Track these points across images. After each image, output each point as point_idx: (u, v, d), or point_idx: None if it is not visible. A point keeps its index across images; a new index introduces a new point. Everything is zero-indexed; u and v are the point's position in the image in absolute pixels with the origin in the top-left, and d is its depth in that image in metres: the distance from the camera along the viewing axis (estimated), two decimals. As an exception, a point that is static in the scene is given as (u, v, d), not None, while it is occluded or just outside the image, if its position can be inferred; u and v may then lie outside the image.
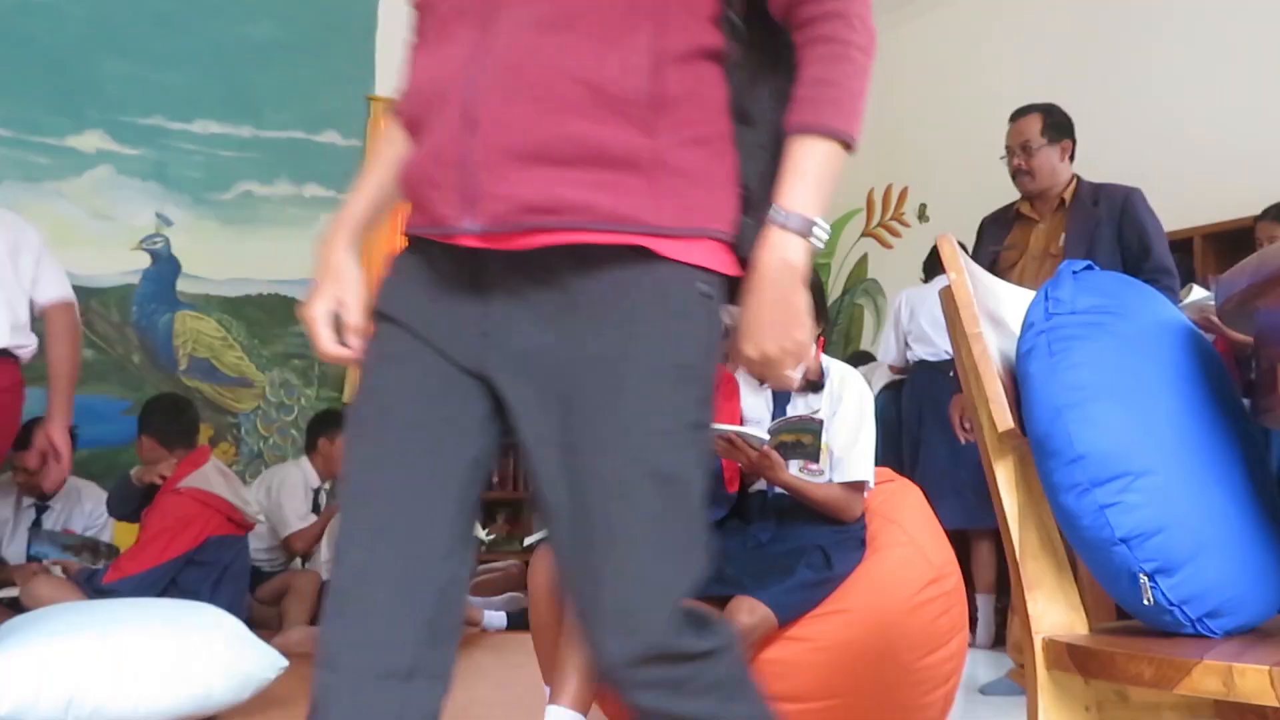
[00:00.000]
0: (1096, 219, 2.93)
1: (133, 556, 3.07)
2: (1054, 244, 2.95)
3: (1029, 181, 2.99)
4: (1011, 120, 3.05)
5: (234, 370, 4.66)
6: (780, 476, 2.22)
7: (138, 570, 3.01)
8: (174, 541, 3.09)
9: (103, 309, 4.38)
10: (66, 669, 2.10)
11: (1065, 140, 3.00)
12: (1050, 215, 3.02)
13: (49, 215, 4.27)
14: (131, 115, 4.45)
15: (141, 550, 3.07)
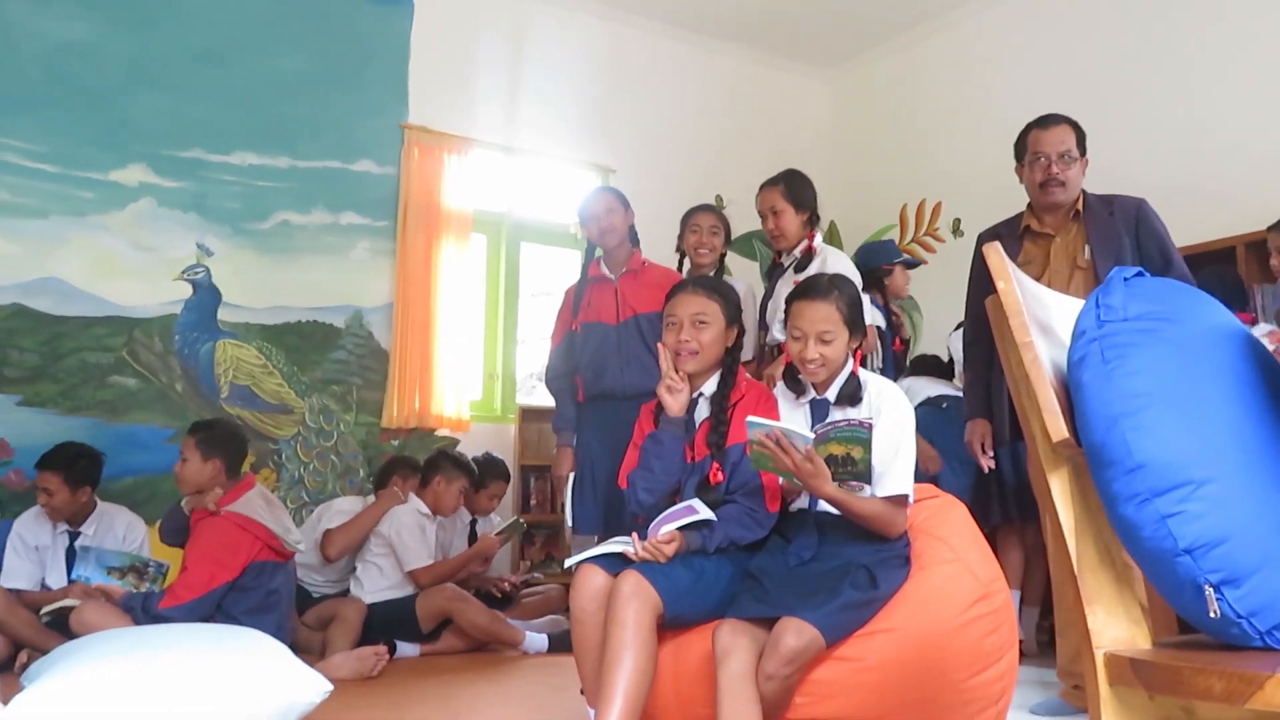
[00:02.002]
0: (1116, 230, 2.87)
1: (186, 584, 3.08)
2: (1079, 256, 2.88)
3: (1059, 192, 2.90)
4: (1044, 126, 2.95)
5: (274, 397, 4.70)
6: (823, 488, 2.19)
7: (191, 597, 3.03)
8: (222, 568, 3.11)
9: (146, 338, 4.44)
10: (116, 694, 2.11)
11: (1086, 158, 2.96)
12: (1063, 228, 2.95)
13: (93, 248, 4.36)
14: (172, 149, 4.53)
15: (193, 576, 3.08)
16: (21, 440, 4.11)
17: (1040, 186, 2.92)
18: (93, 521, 3.65)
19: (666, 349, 2.49)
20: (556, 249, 5.82)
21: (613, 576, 2.19)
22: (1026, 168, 2.98)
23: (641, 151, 5.73)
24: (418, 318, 4.96)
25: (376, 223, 5.00)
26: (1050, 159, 2.89)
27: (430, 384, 4.95)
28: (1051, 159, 2.89)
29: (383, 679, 3.35)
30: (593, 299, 3.36)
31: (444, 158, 5.11)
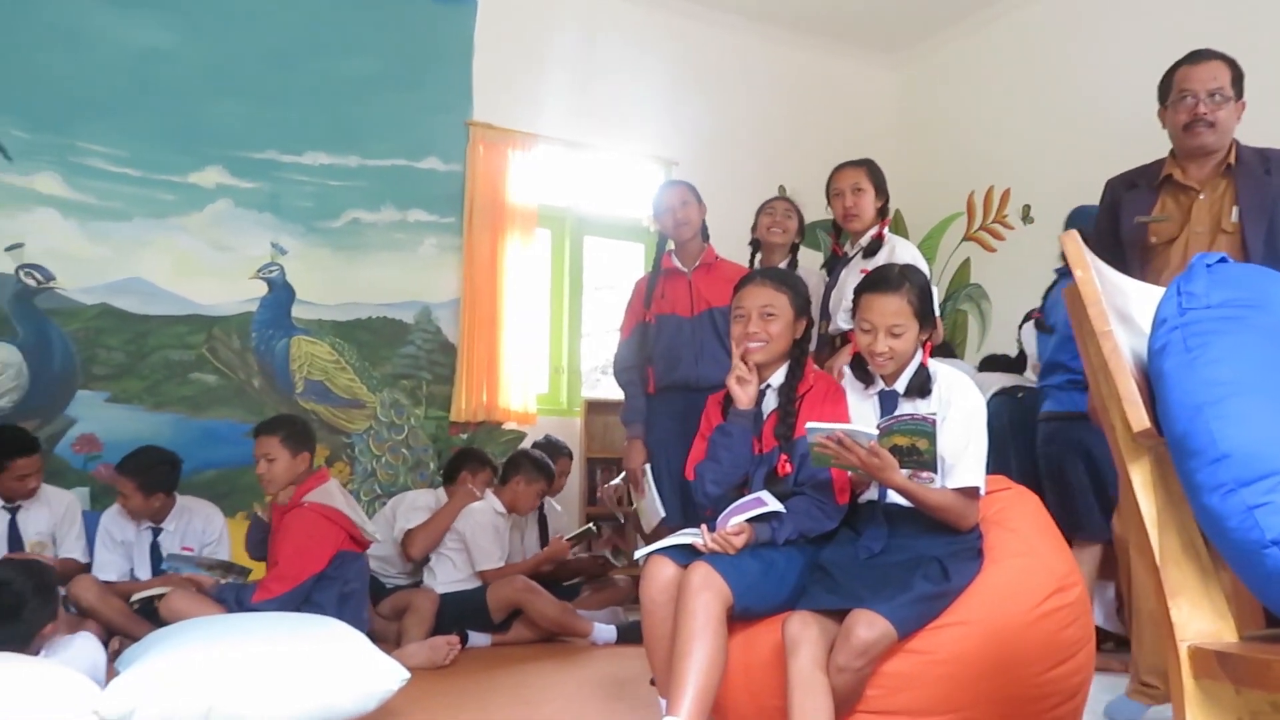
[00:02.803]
0: (1272, 190, 2.53)
1: (279, 576, 3.14)
2: (1225, 218, 2.56)
3: (1208, 134, 2.55)
4: (1194, 61, 2.60)
5: (346, 392, 4.82)
6: (892, 478, 2.18)
7: (283, 590, 3.10)
8: (311, 559, 3.17)
9: (224, 336, 4.58)
10: (206, 680, 2.20)
11: (1243, 100, 2.61)
12: (1210, 183, 2.61)
13: (174, 249, 4.50)
14: (247, 151, 4.66)
15: (285, 569, 3.14)
16: (110, 435, 4.28)
17: (1185, 129, 2.59)
18: (173, 518, 3.76)
19: (734, 338, 2.49)
20: (620, 242, 5.85)
21: (682, 568, 2.21)
22: (1170, 109, 2.64)
23: (705, 144, 5.72)
24: (484, 313, 5.03)
25: (443, 219, 5.08)
26: (1198, 97, 2.56)
27: (497, 378, 5.02)
28: (1200, 96, 2.55)
29: (455, 668, 3.42)
30: (666, 291, 3.37)
31: (508, 153, 5.16)
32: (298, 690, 2.34)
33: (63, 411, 4.23)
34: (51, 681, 2.18)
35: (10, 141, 4.19)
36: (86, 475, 4.23)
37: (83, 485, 4.15)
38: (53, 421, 4.19)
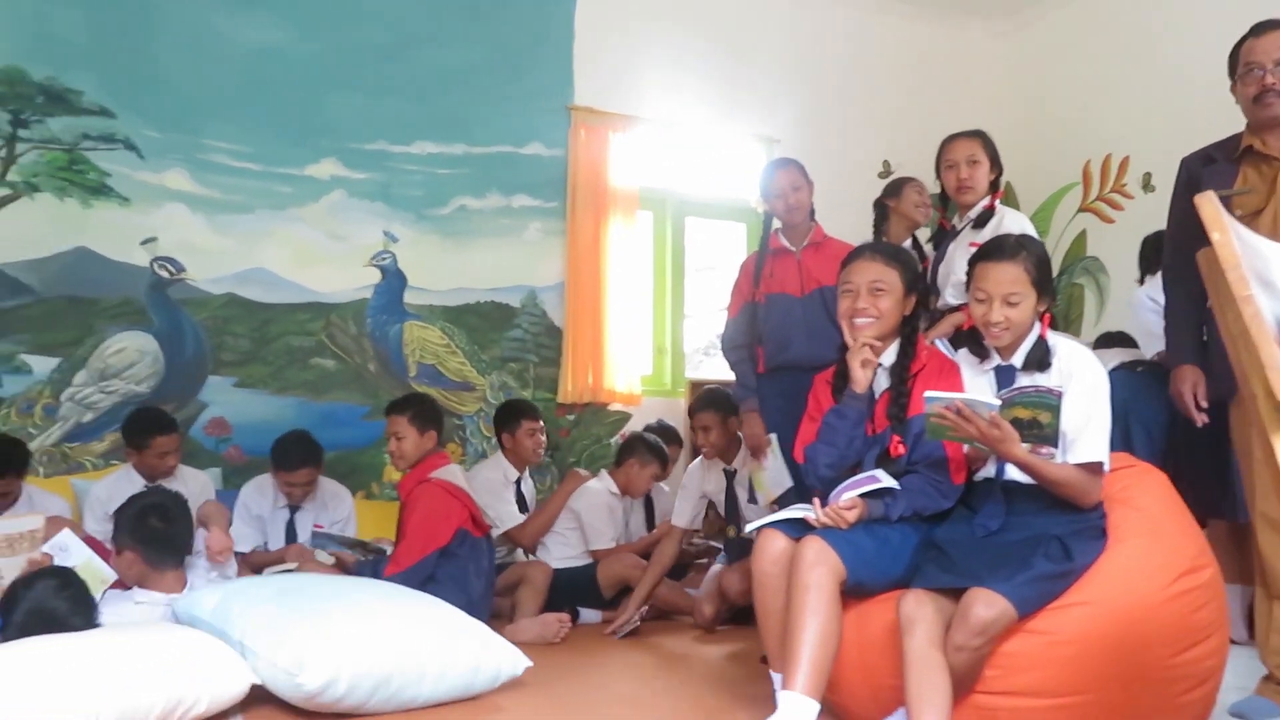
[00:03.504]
0: None
1: (407, 549, 3.26)
2: None
3: (1278, 104, 2.54)
4: (1258, 33, 2.60)
5: (457, 375, 4.95)
6: (1012, 451, 2.12)
7: (411, 563, 3.22)
8: (436, 533, 3.27)
9: (341, 322, 4.75)
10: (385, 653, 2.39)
11: None
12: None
13: (293, 239, 4.69)
14: (359, 142, 4.81)
15: (413, 542, 3.26)
16: (238, 418, 4.50)
17: (1254, 100, 2.58)
18: (310, 500, 3.93)
19: (840, 313, 2.46)
20: (721, 222, 5.83)
21: (794, 541, 2.21)
22: (1239, 83, 2.64)
23: (806, 121, 5.64)
24: (588, 295, 5.08)
25: (547, 204, 5.15)
26: (1265, 68, 2.56)
27: (602, 360, 5.08)
28: (1267, 68, 2.56)
29: (566, 644, 3.48)
30: (775, 270, 3.34)
31: (609, 137, 5.19)
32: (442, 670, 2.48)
33: (195, 396, 4.46)
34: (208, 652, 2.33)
35: (143, 141, 4.42)
36: (218, 457, 4.45)
37: (215, 466, 4.37)
38: (186, 406, 4.42)
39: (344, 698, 2.29)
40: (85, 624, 2.47)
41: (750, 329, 3.36)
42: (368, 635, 2.40)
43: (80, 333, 4.29)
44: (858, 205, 4.18)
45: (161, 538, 2.94)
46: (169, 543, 2.97)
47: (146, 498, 3.09)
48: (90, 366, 4.30)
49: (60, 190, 4.29)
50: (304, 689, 2.22)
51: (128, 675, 2.13)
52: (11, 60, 4.22)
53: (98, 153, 4.35)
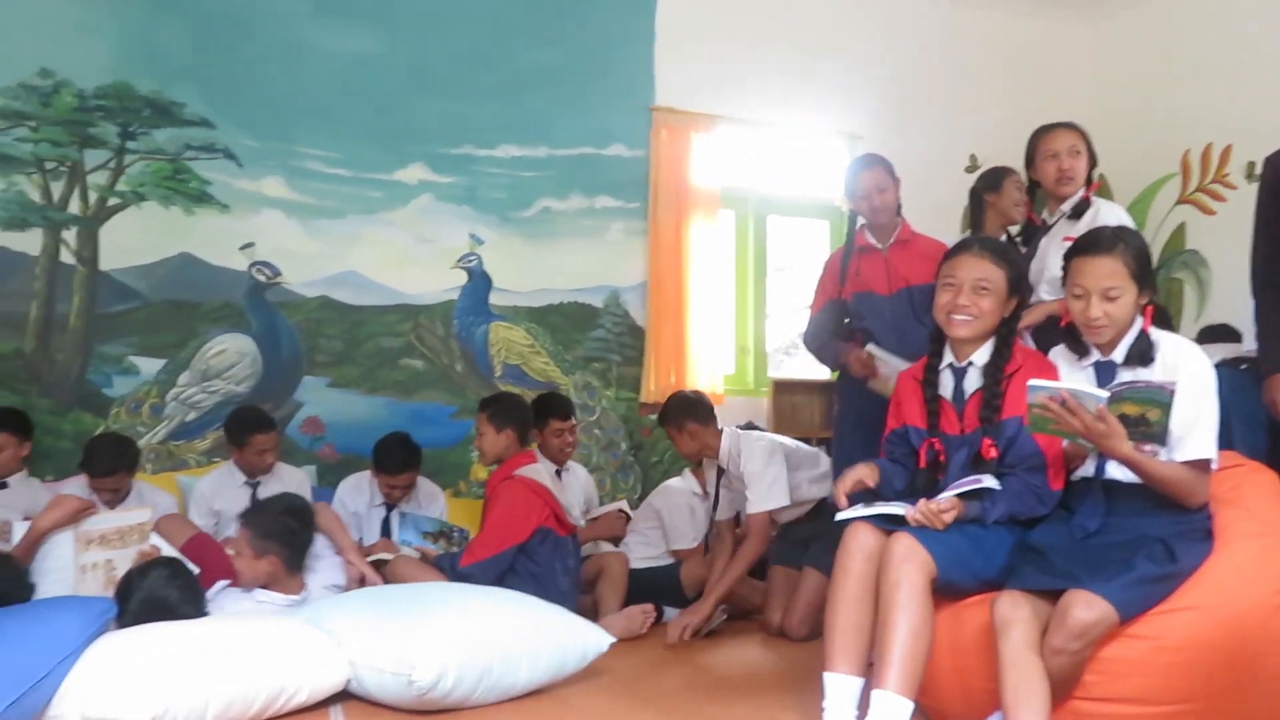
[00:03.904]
0: None
1: (483, 542, 3.33)
2: None
3: None
4: None
5: (541, 375, 5.01)
6: (1118, 447, 2.05)
7: (487, 555, 3.29)
8: (515, 529, 3.33)
9: (429, 323, 4.86)
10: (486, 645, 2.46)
11: None
12: None
13: (382, 242, 4.81)
14: (445, 147, 4.91)
15: (489, 536, 3.33)
16: (332, 417, 4.64)
17: None
18: (407, 499, 4.03)
19: (937, 307, 2.40)
20: (803, 220, 5.79)
21: (885, 534, 2.18)
22: None
23: (889, 116, 5.57)
24: (670, 295, 5.10)
25: (629, 204, 5.18)
26: None
27: (684, 359, 5.09)
28: None
29: (649, 640, 3.48)
30: (862, 269, 3.30)
31: (690, 136, 5.20)
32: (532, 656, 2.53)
33: (291, 396, 4.61)
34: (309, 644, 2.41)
35: (241, 150, 4.58)
36: (313, 455, 4.59)
37: (310, 464, 4.51)
38: (283, 405, 4.57)
39: (452, 691, 2.35)
40: (195, 612, 2.57)
41: (835, 327, 3.33)
42: (465, 629, 2.46)
43: (184, 335, 4.48)
44: (942, 200, 4.12)
45: (298, 542, 3.04)
46: (303, 546, 3.07)
47: (284, 500, 3.17)
48: (193, 368, 4.47)
49: (165, 199, 4.47)
50: (417, 687, 2.28)
51: (235, 663, 2.22)
52: (120, 76, 4.42)
53: (199, 162, 4.53)
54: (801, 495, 3.68)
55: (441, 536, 3.60)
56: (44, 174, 4.30)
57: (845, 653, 2.16)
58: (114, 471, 3.58)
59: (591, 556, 4.06)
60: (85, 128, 4.37)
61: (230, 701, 2.16)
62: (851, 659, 2.16)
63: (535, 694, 2.63)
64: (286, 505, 3.08)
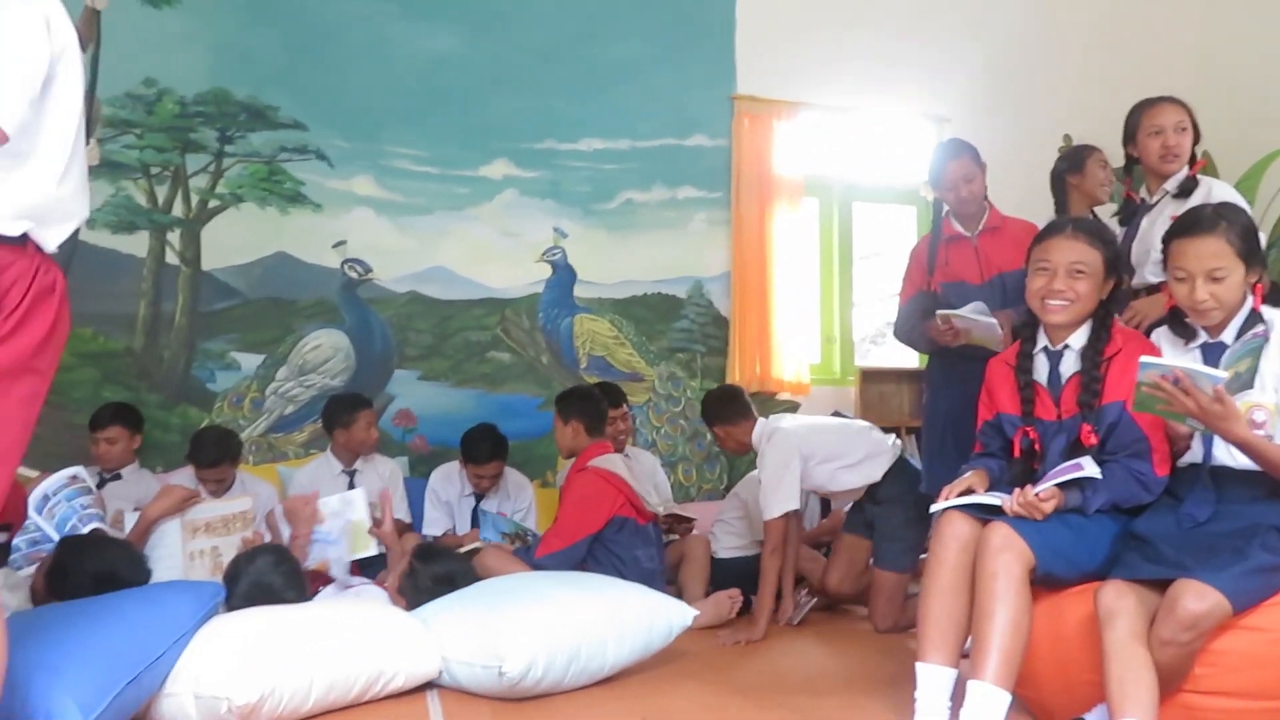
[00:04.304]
0: None
1: (557, 533, 3.38)
2: None
3: None
4: None
5: (626, 366, 5.04)
6: (1235, 430, 1.96)
7: (561, 546, 3.33)
8: (588, 519, 3.37)
9: (515, 316, 4.93)
10: (573, 631, 2.49)
11: None
12: None
13: (469, 238, 4.89)
14: (529, 142, 4.97)
15: (563, 526, 3.38)
16: (422, 409, 4.75)
17: None
18: (496, 489, 4.11)
19: (1031, 292, 2.33)
20: (889, 206, 5.69)
21: (981, 523, 2.14)
22: None
23: (979, 97, 5.43)
24: (754, 285, 5.07)
25: (711, 194, 5.17)
26: None
27: (769, 349, 5.06)
28: None
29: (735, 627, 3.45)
30: (950, 258, 3.21)
31: (773, 124, 5.16)
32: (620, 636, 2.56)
33: (383, 389, 4.73)
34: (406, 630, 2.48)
35: (333, 151, 4.71)
36: (405, 446, 4.70)
37: (402, 455, 4.62)
38: (375, 399, 4.68)
39: (542, 679, 2.38)
40: (298, 598, 2.66)
41: (925, 317, 3.22)
42: (550, 617, 2.49)
43: (281, 331, 4.63)
44: (1035, 183, 3.98)
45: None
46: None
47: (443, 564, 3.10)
48: (290, 362, 4.62)
49: (261, 200, 4.63)
50: (507, 678, 2.32)
51: (338, 647, 2.29)
52: (218, 83, 4.58)
53: (293, 163, 4.67)
54: (840, 485, 3.53)
55: (518, 539, 3.65)
56: (149, 179, 4.49)
57: (939, 643, 2.12)
58: (218, 462, 3.72)
59: (674, 543, 4.06)
60: (186, 133, 4.54)
61: (332, 684, 2.23)
62: (945, 649, 2.12)
63: (624, 678, 2.65)
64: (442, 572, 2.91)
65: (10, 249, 1.49)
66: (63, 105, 1.50)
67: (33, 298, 1.51)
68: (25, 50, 1.42)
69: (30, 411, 1.53)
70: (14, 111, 1.41)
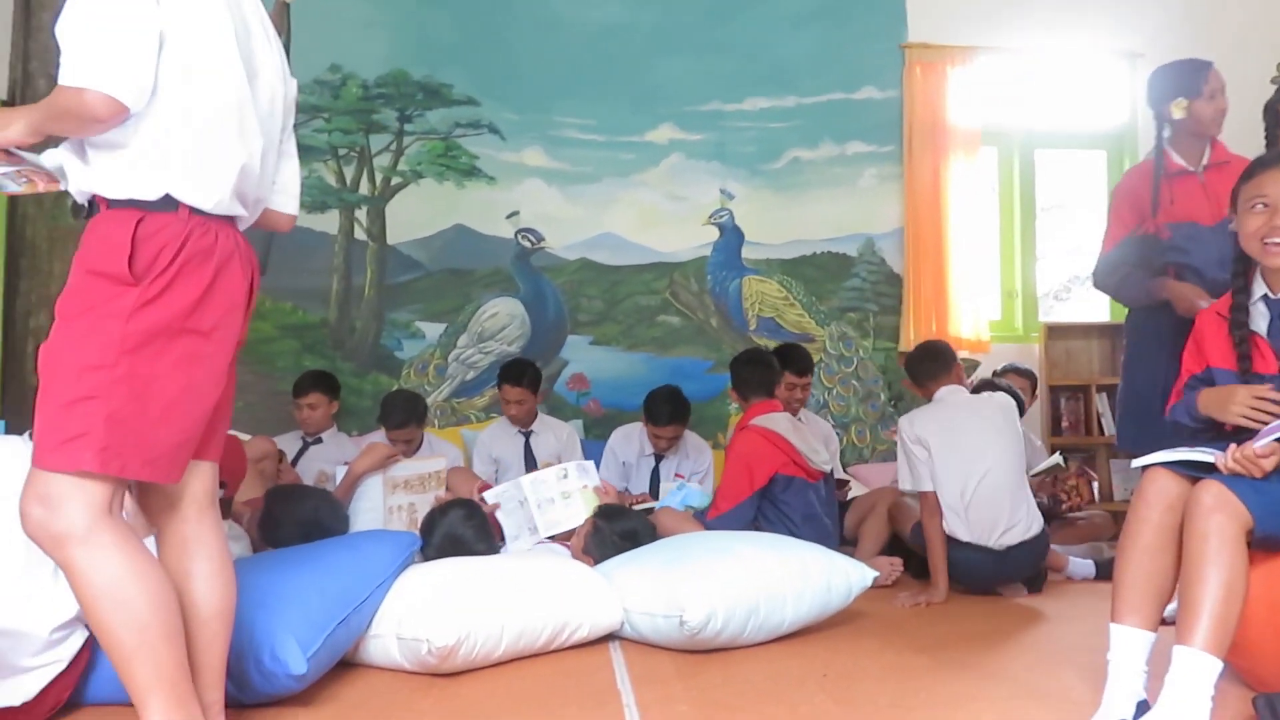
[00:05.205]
0: None
1: (724, 494, 3.40)
2: None
3: None
4: None
5: (796, 327, 4.99)
6: None
7: (729, 507, 3.35)
8: (751, 478, 3.36)
9: (684, 280, 4.96)
10: (751, 586, 2.51)
11: None
12: None
13: (637, 203, 4.94)
14: (693, 105, 4.96)
15: (728, 487, 3.39)
16: (595, 374, 4.86)
17: None
18: (675, 450, 4.17)
19: (1247, 234, 2.14)
20: (1076, 153, 5.36)
21: (1189, 482, 2.00)
22: None
23: (1175, 28, 5.01)
24: (929, 240, 4.90)
25: (882, 148, 5.02)
26: None
27: (946, 306, 4.88)
28: None
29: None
30: (1176, 195, 2.93)
31: (946, 72, 4.95)
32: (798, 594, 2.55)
33: (557, 354, 4.87)
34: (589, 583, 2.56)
35: (504, 124, 4.86)
36: (579, 410, 4.83)
37: (576, 418, 4.74)
38: (550, 364, 4.83)
39: (722, 631, 2.41)
40: (487, 549, 2.80)
41: (1140, 261, 2.94)
42: (731, 571, 2.51)
43: (460, 301, 4.83)
44: (1245, 119, 3.64)
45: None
46: None
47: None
48: (470, 330, 4.82)
49: (439, 175, 4.83)
50: (688, 627, 2.36)
51: (526, 596, 2.38)
52: (397, 64, 4.80)
53: (467, 138, 4.84)
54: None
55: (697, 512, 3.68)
56: (338, 160, 4.76)
57: (1136, 605, 2.00)
58: (406, 424, 3.93)
59: (861, 495, 3.98)
60: (369, 115, 4.78)
61: (521, 631, 2.32)
62: (1143, 612, 2.00)
63: (803, 635, 2.64)
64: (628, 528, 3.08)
65: (159, 215, 1.54)
66: (178, 69, 1.53)
67: (184, 260, 1.54)
68: (131, 24, 1.47)
69: (192, 372, 1.57)
70: (131, 84, 1.46)
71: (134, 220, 1.52)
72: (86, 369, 1.48)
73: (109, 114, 1.47)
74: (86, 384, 1.48)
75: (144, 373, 1.51)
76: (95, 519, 1.49)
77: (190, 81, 1.55)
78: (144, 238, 1.52)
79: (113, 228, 1.53)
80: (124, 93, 1.46)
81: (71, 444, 1.46)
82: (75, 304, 1.52)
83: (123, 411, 1.49)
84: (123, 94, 1.46)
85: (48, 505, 1.48)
